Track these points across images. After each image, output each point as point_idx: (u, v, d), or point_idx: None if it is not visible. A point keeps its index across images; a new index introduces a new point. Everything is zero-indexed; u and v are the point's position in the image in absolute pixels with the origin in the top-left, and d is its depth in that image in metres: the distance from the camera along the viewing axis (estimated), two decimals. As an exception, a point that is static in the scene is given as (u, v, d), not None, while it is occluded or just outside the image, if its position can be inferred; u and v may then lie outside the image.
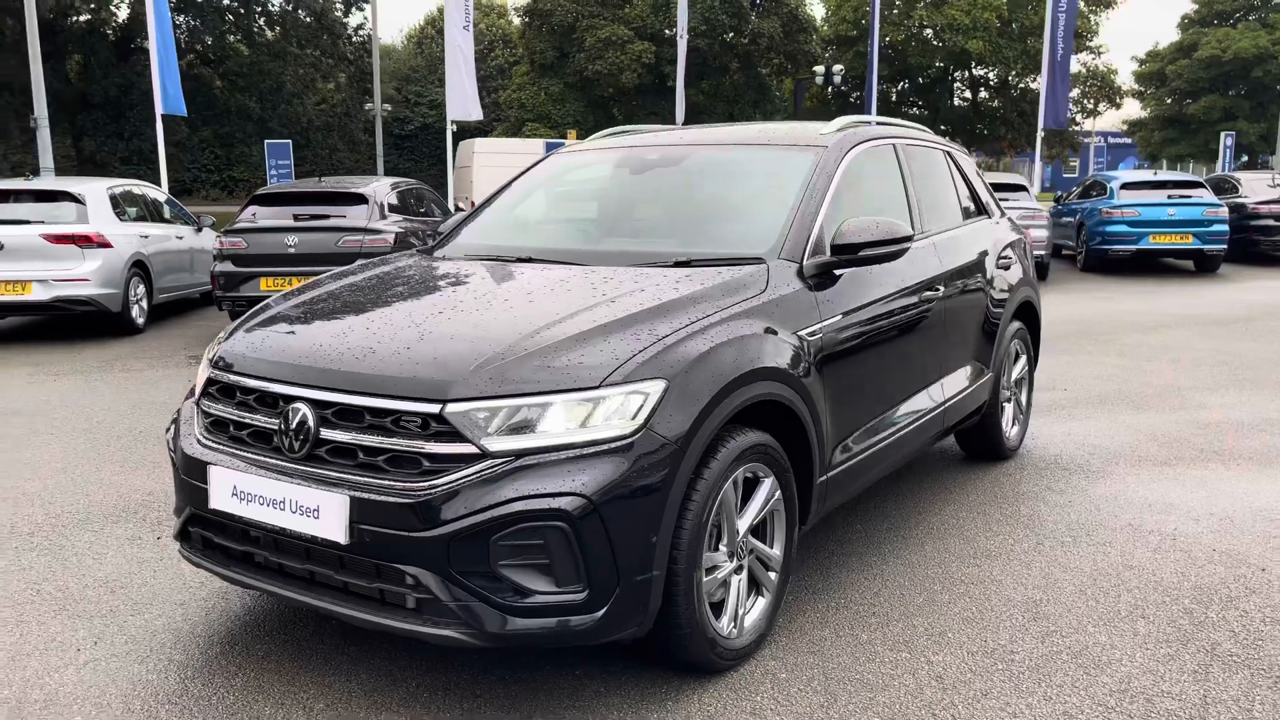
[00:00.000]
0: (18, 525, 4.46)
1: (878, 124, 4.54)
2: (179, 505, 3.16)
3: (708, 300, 3.10)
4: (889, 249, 3.55)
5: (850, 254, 3.52)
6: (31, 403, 7.12)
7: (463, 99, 19.22)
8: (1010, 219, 5.60)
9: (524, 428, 2.63)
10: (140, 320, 10.60)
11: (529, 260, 3.69)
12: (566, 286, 3.28)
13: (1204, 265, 15.90)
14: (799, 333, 3.28)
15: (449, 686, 2.98)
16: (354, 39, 30.84)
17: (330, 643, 3.28)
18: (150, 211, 11.60)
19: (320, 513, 2.68)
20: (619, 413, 2.66)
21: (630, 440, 2.64)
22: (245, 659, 3.18)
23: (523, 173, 4.64)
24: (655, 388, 2.71)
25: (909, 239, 3.60)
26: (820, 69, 32.02)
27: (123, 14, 27.33)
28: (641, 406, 2.68)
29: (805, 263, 3.47)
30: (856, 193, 3.95)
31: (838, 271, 3.57)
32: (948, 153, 5.09)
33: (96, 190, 10.57)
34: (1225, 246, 15.46)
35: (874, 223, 3.54)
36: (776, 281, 3.34)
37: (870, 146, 4.20)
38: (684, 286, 3.16)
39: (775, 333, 3.18)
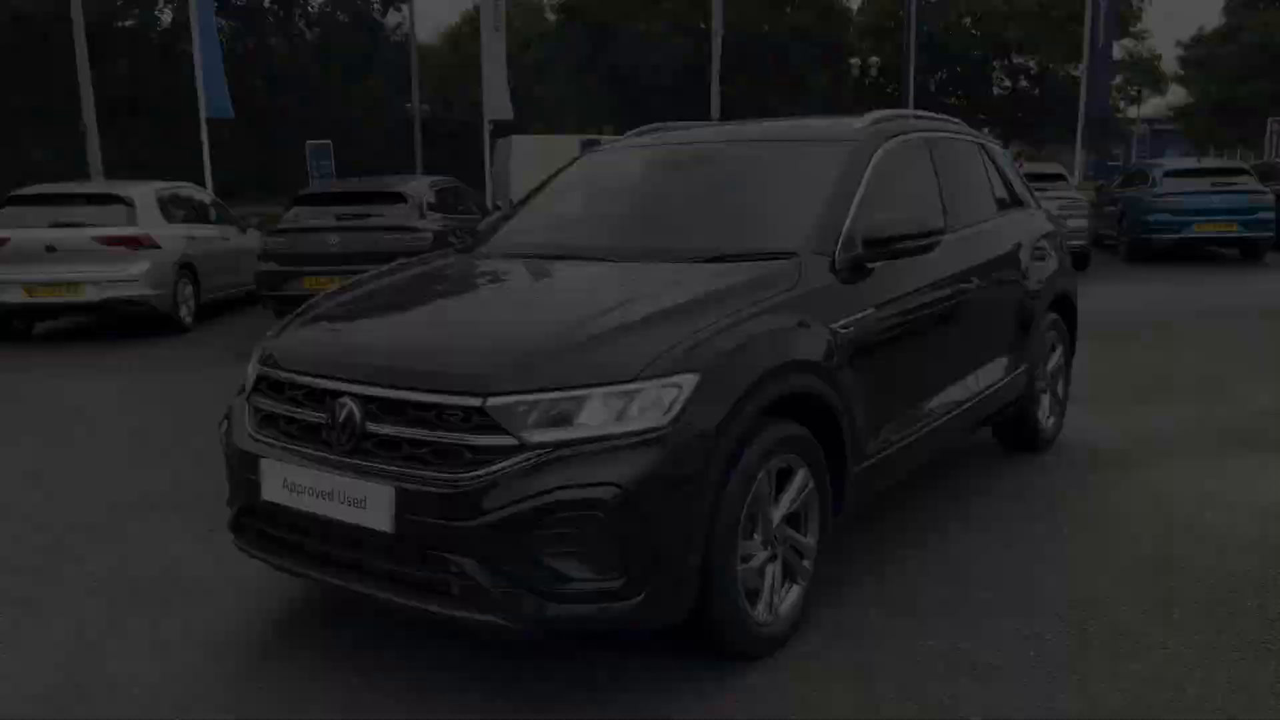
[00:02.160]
0: (75, 520, 4.63)
1: (910, 118, 4.56)
2: (232, 497, 3.30)
3: (741, 295, 3.16)
4: (920, 242, 3.60)
5: (882, 247, 3.57)
6: (84, 400, 7.35)
7: (496, 98, 19.42)
8: (1046, 210, 5.60)
9: (562, 420, 2.71)
10: (188, 319, 10.84)
11: (566, 258, 3.77)
12: (603, 283, 3.37)
13: (1250, 253, 15.64)
14: (831, 326, 3.33)
15: (490, 660, 3.08)
16: (393, 39, 31.15)
17: (370, 625, 3.38)
18: (197, 213, 11.85)
19: (367, 503, 2.78)
20: (654, 405, 2.74)
21: (664, 432, 2.71)
22: (291, 642, 3.30)
23: (558, 171, 4.73)
24: (689, 381, 2.78)
25: (940, 232, 3.64)
26: (856, 61, 31.87)
27: (167, 19, 27.84)
28: (676, 399, 2.75)
29: (837, 257, 3.52)
30: (888, 187, 3.98)
31: (870, 265, 3.62)
32: (981, 145, 5.10)
33: (145, 193, 10.83)
34: (1272, 234, 15.19)
35: (905, 216, 3.58)
36: (809, 275, 3.39)
37: (902, 140, 4.23)
38: (717, 281, 3.23)
39: (808, 326, 3.24)
